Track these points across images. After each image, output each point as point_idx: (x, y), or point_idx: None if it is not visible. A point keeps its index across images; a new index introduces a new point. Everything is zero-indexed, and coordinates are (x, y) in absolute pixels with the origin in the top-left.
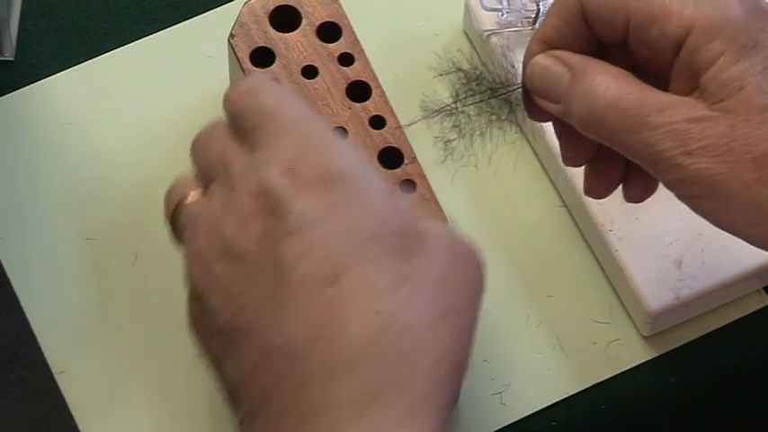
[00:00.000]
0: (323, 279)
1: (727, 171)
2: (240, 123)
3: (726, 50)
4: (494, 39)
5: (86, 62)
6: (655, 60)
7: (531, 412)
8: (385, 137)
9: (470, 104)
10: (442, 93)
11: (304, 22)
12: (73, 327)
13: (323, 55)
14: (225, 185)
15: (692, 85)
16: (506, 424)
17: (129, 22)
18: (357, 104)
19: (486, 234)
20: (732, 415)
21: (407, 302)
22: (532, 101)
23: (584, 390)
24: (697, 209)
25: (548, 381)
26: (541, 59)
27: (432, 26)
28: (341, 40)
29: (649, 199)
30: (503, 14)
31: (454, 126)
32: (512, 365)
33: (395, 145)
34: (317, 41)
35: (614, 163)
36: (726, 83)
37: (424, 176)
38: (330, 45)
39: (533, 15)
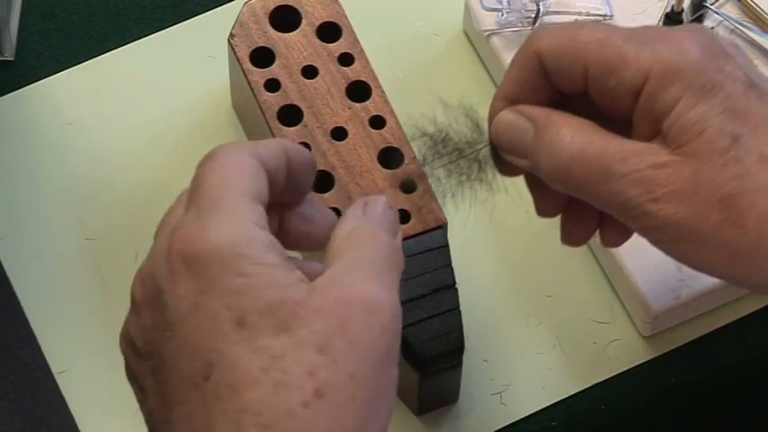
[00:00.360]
0: (195, 379)
1: (694, 214)
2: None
3: (684, 95)
4: (494, 39)
5: (86, 62)
6: (616, 108)
7: (531, 412)
8: (385, 137)
9: (438, 167)
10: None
11: (304, 22)
12: (73, 327)
13: (323, 55)
14: None
15: (655, 131)
16: (506, 424)
17: (129, 22)
18: (357, 104)
19: (486, 233)
20: (732, 415)
21: (274, 391)
22: (501, 157)
23: (584, 390)
24: (670, 253)
25: (548, 381)
26: (505, 115)
27: (432, 26)
28: (341, 40)
29: None
30: (503, 14)
31: None
32: (512, 365)
33: (395, 145)
34: (317, 41)
35: (588, 211)
36: (686, 127)
37: (424, 176)
38: (330, 45)
39: (533, 15)
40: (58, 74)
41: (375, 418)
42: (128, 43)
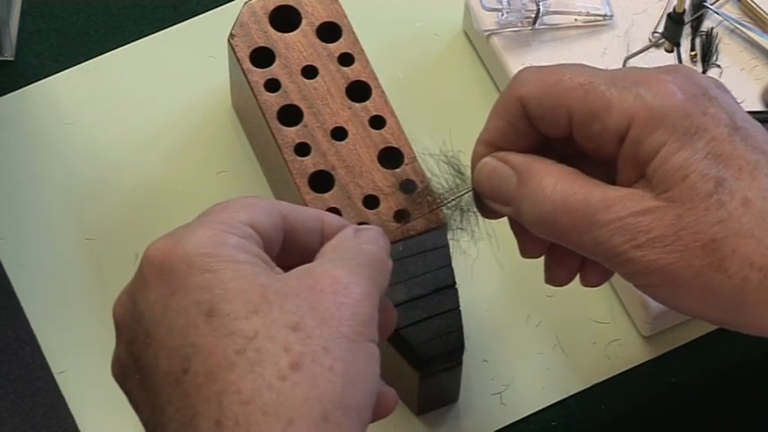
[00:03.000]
0: (176, 376)
1: (678, 260)
2: None
3: (668, 140)
4: (494, 39)
5: (86, 62)
6: (600, 152)
7: (531, 412)
8: (385, 137)
9: (419, 218)
10: (443, 94)
11: (304, 22)
12: (73, 327)
13: (323, 55)
14: None
15: (639, 175)
16: (506, 424)
17: (129, 22)
18: (357, 104)
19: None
20: (732, 415)
21: (251, 369)
22: (484, 202)
23: (584, 390)
24: (655, 297)
25: (548, 381)
26: (488, 162)
27: (432, 26)
28: (341, 40)
29: None
30: (503, 14)
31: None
32: (512, 365)
33: (395, 145)
34: (316, 41)
35: (571, 253)
36: (670, 172)
37: (424, 176)
38: (330, 45)
39: (533, 15)
40: (58, 74)
41: (354, 388)
42: (128, 43)
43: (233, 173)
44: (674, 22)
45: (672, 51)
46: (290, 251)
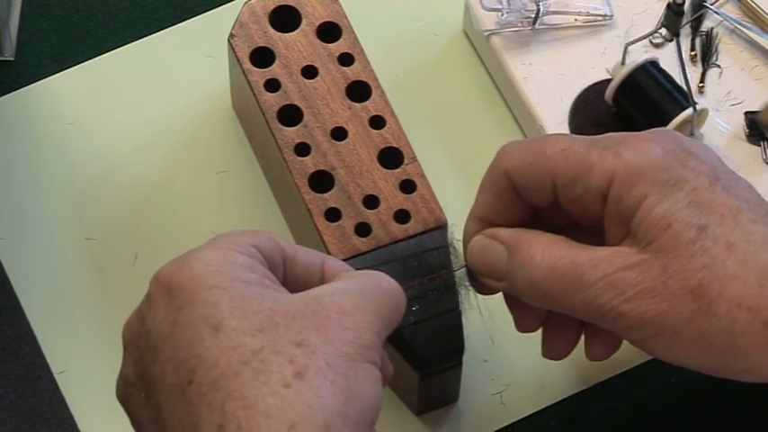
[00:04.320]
0: (181, 387)
1: (667, 308)
2: None
3: (648, 192)
4: (494, 39)
5: (86, 62)
6: (587, 215)
7: (531, 412)
8: (385, 137)
9: (409, 290)
10: (443, 94)
11: (304, 21)
12: (73, 327)
13: (323, 55)
14: None
15: (625, 232)
16: (506, 424)
17: (129, 22)
18: (357, 104)
19: None
20: (732, 415)
21: (255, 377)
22: (478, 278)
23: (584, 390)
24: (651, 351)
25: (548, 381)
26: (479, 241)
27: (432, 26)
28: (341, 39)
29: None
30: (503, 14)
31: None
32: (512, 365)
33: (395, 145)
34: (316, 41)
35: (568, 323)
36: (653, 224)
37: (423, 176)
38: (330, 45)
39: (533, 15)
40: (58, 74)
41: (356, 402)
42: (128, 43)
43: (233, 173)
44: (674, 12)
45: (671, 41)
46: (291, 283)
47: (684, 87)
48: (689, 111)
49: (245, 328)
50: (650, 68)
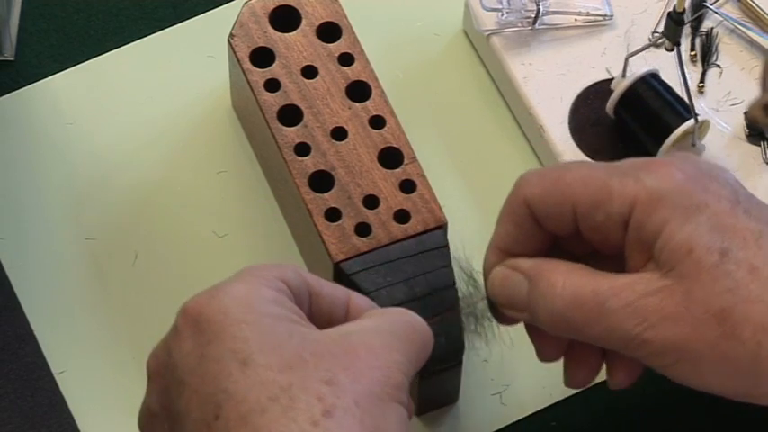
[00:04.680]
0: (207, 421)
1: (691, 333)
2: None
3: (670, 218)
4: (494, 39)
5: (86, 62)
6: (608, 243)
7: (531, 412)
8: (385, 137)
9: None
10: (443, 94)
11: (304, 21)
12: (73, 327)
13: (323, 55)
14: None
15: (647, 258)
16: (506, 424)
17: (129, 22)
18: (357, 104)
19: (487, 232)
20: (732, 415)
21: (284, 414)
22: (499, 310)
23: (585, 390)
24: (676, 377)
25: (548, 381)
26: (500, 272)
27: (432, 26)
28: (341, 39)
29: None
30: (503, 14)
31: None
32: (512, 365)
33: (395, 145)
34: (316, 41)
35: (589, 352)
36: (675, 249)
37: (423, 177)
38: (330, 45)
39: (533, 15)
40: (57, 74)
41: None
42: (128, 43)
43: (233, 173)
44: (675, 21)
45: (672, 50)
46: (316, 318)
47: (685, 97)
48: (690, 122)
49: (273, 364)
50: (651, 80)
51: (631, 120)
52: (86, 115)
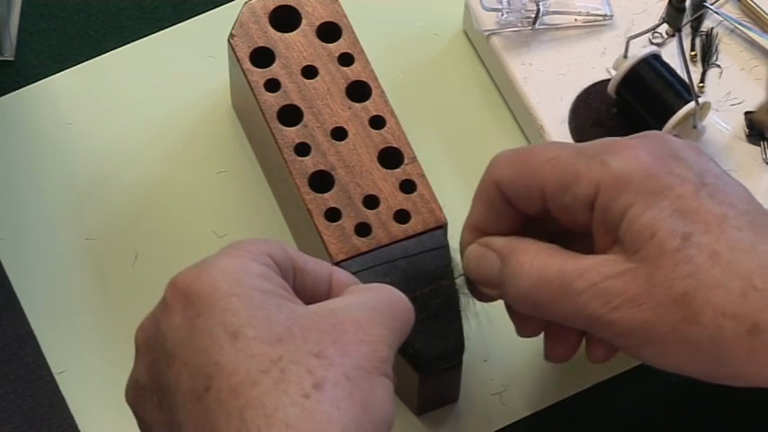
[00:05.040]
0: (197, 393)
1: (653, 317)
2: None
3: (633, 201)
4: (494, 39)
5: (86, 62)
6: (577, 223)
7: (531, 412)
8: (385, 137)
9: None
10: (443, 94)
11: (304, 21)
12: (73, 327)
13: (323, 55)
14: None
15: (613, 240)
16: (506, 424)
17: (129, 22)
18: (357, 104)
19: None
20: (732, 415)
21: (275, 386)
22: (476, 286)
23: (585, 390)
24: (642, 358)
25: (548, 381)
26: (474, 249)
27: (432, 26)
28: (341, 39)
29: None
30: (503, 14)
31: None
32: (512, 365)
33: (395, 145)
34: (316, 41)
35: (568, 329)
36: (638, 233)
37: (423, 176)
38: (330, 45)
39: (533, 15)
40: (57, 74)
41: (372, 415)
42: (128, 43)
43: (233, 173)
44: (676, 9)
45: (673, 36)
46: (300, 292)
47: (687, 81)
48: (691, 104)
49: (263, 336)
50: (653, 61)
51: (633, 100)
52: (86, 115)
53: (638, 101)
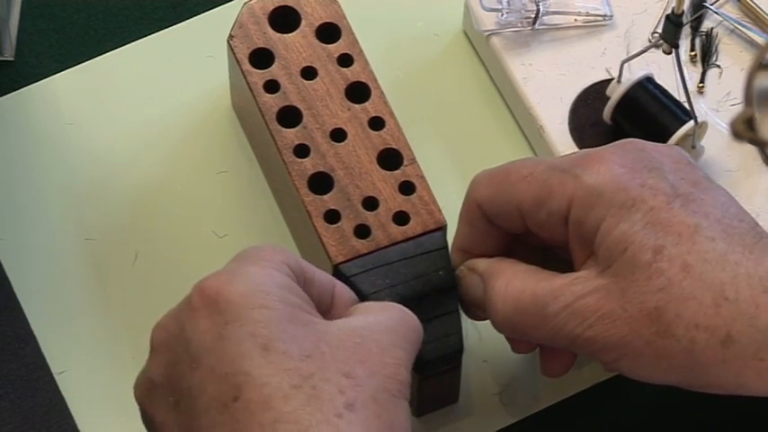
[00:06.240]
0: (224, 401)
1: (628, 332)
2: None
3: (606, 215)
4: (493, 39)
5: (86, 62)
6: (555, 239)
7: (531, 412)
8: (384, 138)
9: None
10: (443, 94)
11: (303, 22)
12: (73, 327)
13: (322, 56)
14: None
15: (589, 253)
16: (507, 424)
17: (129, 22)
18: (356, 106)
19: None
20: (732, 415)
21: (308, 403)
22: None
23: (584, 390)
24: (622, 371)
25: (548, 381)
26: (461, 272)
27: (432, 26)
28: (340, 40)
29: None
30: (502, 14)
31: None
32: (512, 365)
33: (394, 146)
34: (316, 42)
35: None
36: (611, 247)
37: (423, 178)
38: (329, 46)
39: (533, 16)
40: (58, 74)
41: None
42: (127, 43)
43: (233, 173)
44: (673, 23)
45: (670, 53)
46: None
47: (685, 99)
48: (690, 124)
49: (293, 352)
50: (647, 84)
51: (629, 126)
52: (86, 115)
53: (635, 125)
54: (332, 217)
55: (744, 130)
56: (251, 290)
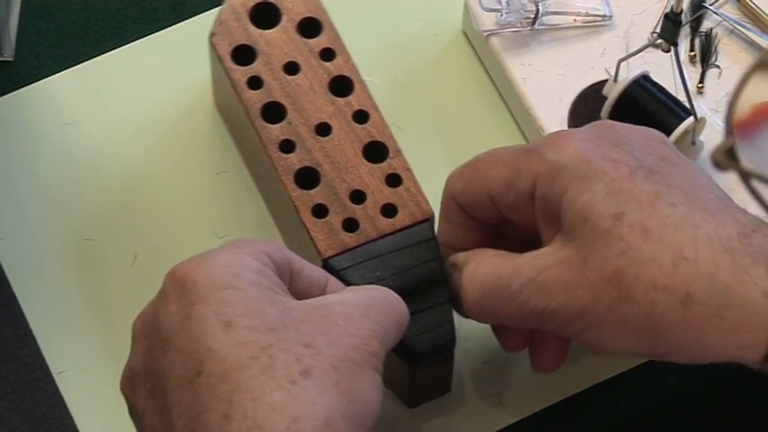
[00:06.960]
0: (189, 377)
1: (590, 299)
2: None
3: (568, 188)
4: (493, 39)
5: (86, 62)
6: (527, 221)
7: (531, 412)
8: (369, 131)
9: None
10: (443, 94)
11: (284, 18)
12: (72, 327)
13: (304, 51)
14: None
15: (556, 230)
16: (507, 424)
17: (129, 22)
18: (340, 99)
19: None
20: (732, 415)
21: (263, 371)
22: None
23: (584, 390)
24: (588, 344)
25: (548, 381)
26: (447, 266)
27: (431, 26)
28: (321, 35)
29: None
30: (502, 15)
31: None
32: (512, 365)
33: (379, 139)
34: (297, 37)
35: (551, 340)
36: (573, 219)
37: (409, 170)
38: (311, 40)
39: (532, 16)
40: (57, 74)
41: (358, 406)
42: (127, 43)
43: (233, 173)
44: (672, 22)
45: (668, 51)
46: (294, 295)
47: (684, 96)
48: (689, 120)
49: (255, 326)
50: (644, 82)
51: (627, 122)
52: (86, 115)
53: (633, 123)
54: (320, 211)
55: (725, 159)
56: (218, 272)
